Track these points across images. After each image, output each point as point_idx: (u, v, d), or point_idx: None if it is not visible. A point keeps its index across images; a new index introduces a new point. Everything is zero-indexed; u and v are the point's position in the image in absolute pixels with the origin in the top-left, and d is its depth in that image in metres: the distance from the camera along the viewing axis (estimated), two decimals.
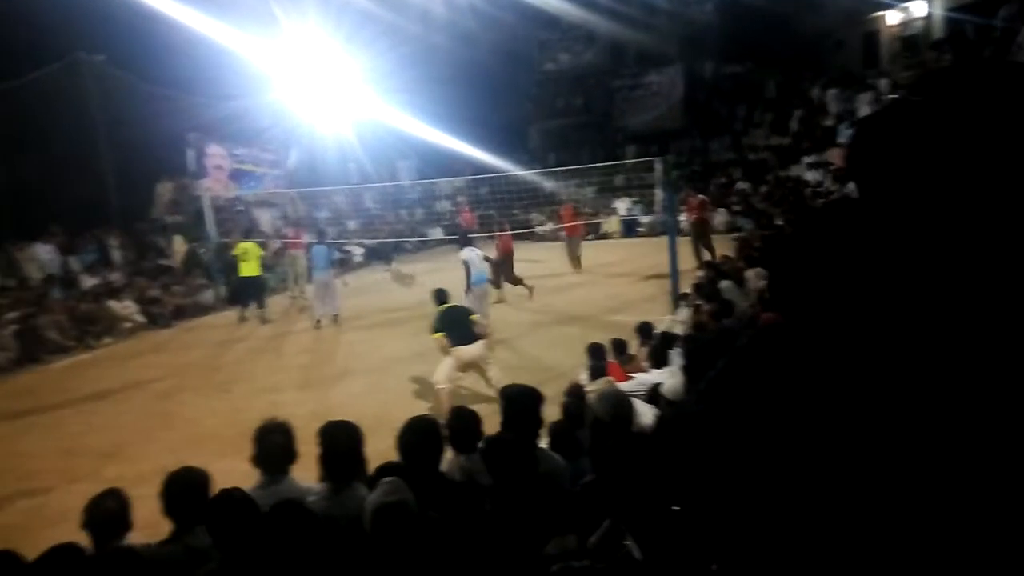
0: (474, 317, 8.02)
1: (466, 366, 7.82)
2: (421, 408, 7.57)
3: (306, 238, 15.23)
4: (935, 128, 0.70)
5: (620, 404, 3.20)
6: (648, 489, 2.07)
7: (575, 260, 16.53)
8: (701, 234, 15.10)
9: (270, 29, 18.01)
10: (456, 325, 7.80)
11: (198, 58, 16.78)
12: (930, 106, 0.72)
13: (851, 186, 0.83)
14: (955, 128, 0.69)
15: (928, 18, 20.13)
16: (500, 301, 13.30)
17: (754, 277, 9.03)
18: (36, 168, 15.59)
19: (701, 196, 16.38)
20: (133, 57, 17.31)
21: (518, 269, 14.27)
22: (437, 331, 7.76)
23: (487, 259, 10.44)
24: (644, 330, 7.81)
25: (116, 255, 16.73)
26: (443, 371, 7.66)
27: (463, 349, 7.71)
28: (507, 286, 13.78)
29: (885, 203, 0.68)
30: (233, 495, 2.79)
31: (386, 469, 3.08)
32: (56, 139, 16.00)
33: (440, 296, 8.28)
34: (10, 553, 2.69)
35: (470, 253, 10.43)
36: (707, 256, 14.37)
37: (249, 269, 13.65)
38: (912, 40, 20.91)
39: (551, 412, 4.54)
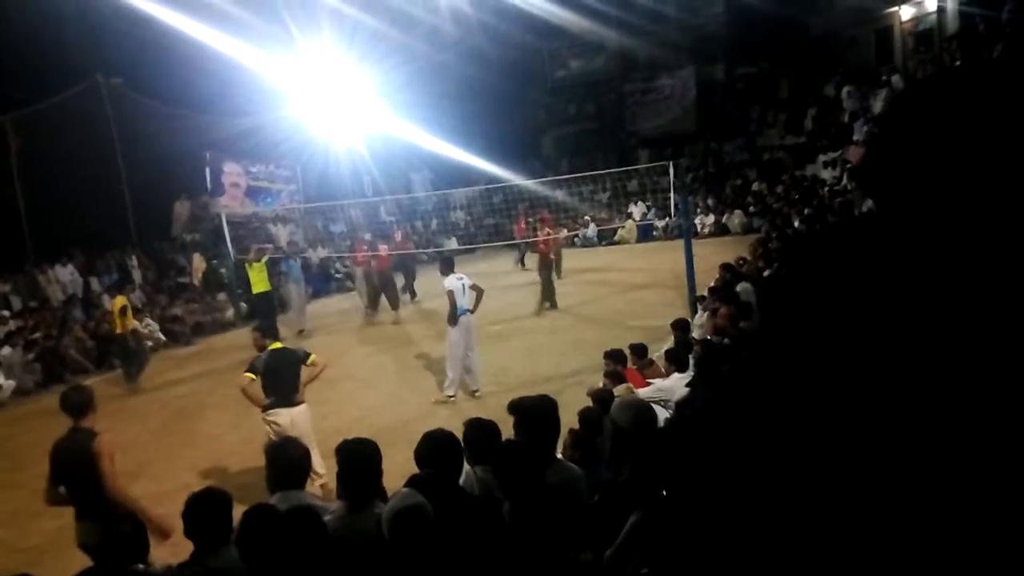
0: (312, 359, 6.37)
1: (284, 434, 5.58)
2: (439, 419, 7.56)
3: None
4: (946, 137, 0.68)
5: (641, 412, 3.17)
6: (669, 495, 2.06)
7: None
8: (545, 273, 13.38)
9: (283, 46, 18.19)
10: (279, 376, 6.07)
11: (212, 76, 16.99)
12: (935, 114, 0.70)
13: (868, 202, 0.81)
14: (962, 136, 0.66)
15: (942, 12, 19.92)
16: (396, 323, 13.87)
17: None
18: (57, 191, 15.84)
19: (548, 230, 14.43)
20: (148, 78, 17.59)
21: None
22: (250, 371, 6.15)
23: (474, 287, 8.92)
24: (680, 326, 7.76)
25: (136, 274, 16.92)
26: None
27: (282, 413, 6.03)
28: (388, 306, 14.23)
29: (904, 218, 0.66)
30: (263, 510, 2.80)
31: (413, 482, 3.05)
32: (76, 162, 16.26)
33: (272, 331, 6.81)
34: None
35: (455, 282, 8.83)
36: (547, 304, 13.26)
37: (260, 285, 13.27)
38: (926, 35, 20.72)
39: (569, 419, 4.51)
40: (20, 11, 14.48)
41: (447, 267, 9.21)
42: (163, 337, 14.29)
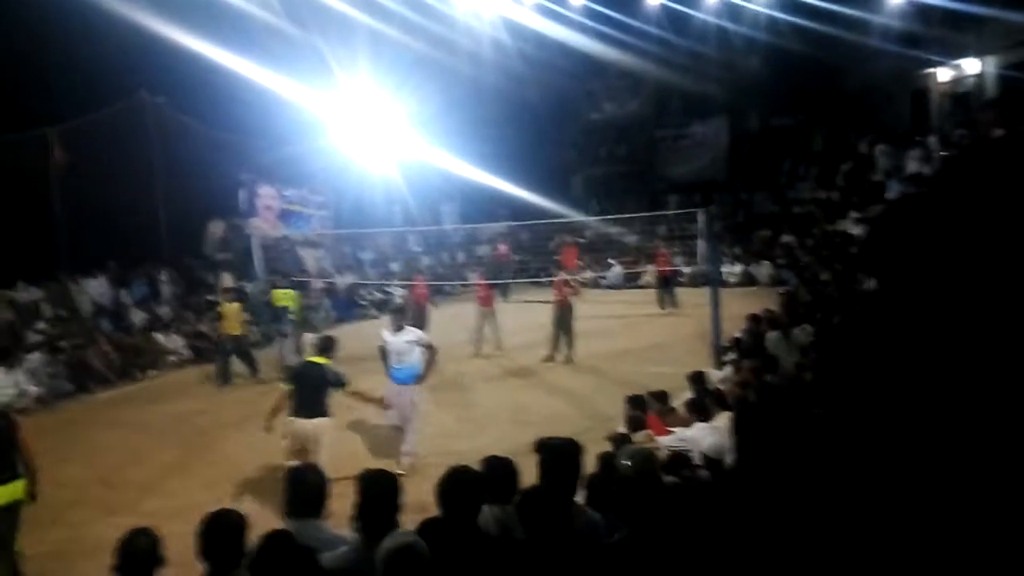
0: (350, 389, 6.54)
1: (297, 444, 6.14)
2: (453, 455, 7.50)
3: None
4: (948, 221, 0.68)
5: (645, 461, 3.12)
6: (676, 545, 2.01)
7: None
8: (561, 319, 12.56)
9: (323, 79, 18.56)
10: (304, 386, 6.34)
11: (254, 104, 17.34)
12: (941, 199, 0.70)
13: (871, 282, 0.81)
14: (968, 219, 0.66)
15: (980, 76, 19.87)
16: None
17: (800, 332, 8.84)
18: (94, 203, 16.15)
19: (563, 274, 13.66)
20: (191, 100, 18.00)
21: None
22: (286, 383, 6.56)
23: (429, 347, 7.69)
24: (696, 379, 7.62)
25: (165, 289, 17.13)
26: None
27: (297, 422, 6.27)
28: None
29: (905, 297, 0.67)
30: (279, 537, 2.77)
31: (425, 527, 2.99)
32: (114, 175, 16.58)
33: (324, 345, 6.89)
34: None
35: (392, 338, 7.71)
36: (565, 349, 12.34)
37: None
38: (963, 98, 20.64)
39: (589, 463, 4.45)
40: (70, 27, 14.93)
41: (399, 320, 7.76)
42: (188, 353, 14.41)
